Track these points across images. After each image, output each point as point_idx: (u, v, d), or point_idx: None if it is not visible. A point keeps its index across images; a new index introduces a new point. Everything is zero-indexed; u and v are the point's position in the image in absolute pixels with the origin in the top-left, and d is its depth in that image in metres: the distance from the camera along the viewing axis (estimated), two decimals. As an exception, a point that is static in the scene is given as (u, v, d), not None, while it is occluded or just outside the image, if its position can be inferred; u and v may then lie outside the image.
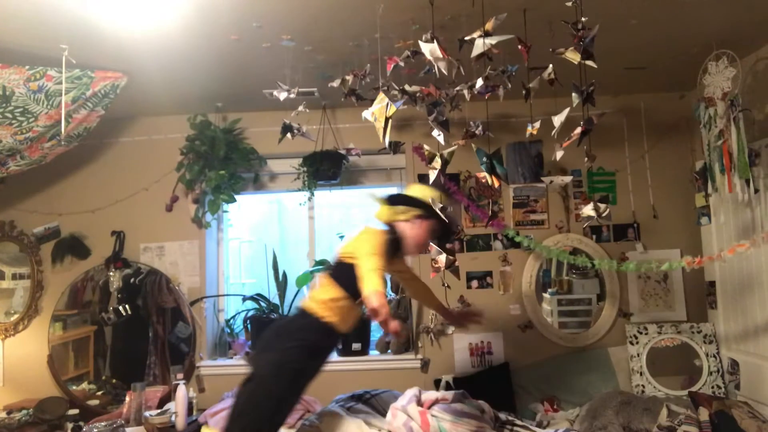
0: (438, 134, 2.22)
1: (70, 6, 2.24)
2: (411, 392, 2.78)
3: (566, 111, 2.17)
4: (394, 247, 2.38)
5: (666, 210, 3.67)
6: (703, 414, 2.84)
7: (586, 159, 2.21)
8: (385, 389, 3.11)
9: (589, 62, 2.00)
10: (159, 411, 3.13)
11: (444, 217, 2.38)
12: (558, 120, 2.17)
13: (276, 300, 3.82)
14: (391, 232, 2.42)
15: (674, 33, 2.77)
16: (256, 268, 4.13)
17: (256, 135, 3.77)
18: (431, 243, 2.57)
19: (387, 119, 2.15)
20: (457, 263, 2.62)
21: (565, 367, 3.50)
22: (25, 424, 3.22)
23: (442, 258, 2.56)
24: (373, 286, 1.97)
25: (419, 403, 2.70)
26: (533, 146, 3.69)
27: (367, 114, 2.26)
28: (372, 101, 2.24)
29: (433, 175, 2.33)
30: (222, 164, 3.58)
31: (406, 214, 2.42)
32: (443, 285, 3.18)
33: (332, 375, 2.77)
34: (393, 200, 2.51)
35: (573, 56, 2.03)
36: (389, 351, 3.65)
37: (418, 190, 2.48)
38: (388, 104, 2.14)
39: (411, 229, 2.43)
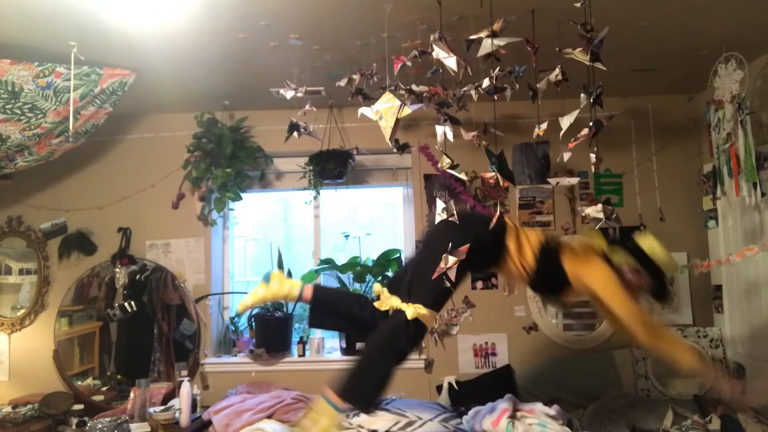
0: (448, 132, 2.20)
1: (79, 3, 2.25)
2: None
3: (575, 113, 2.16)
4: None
5: (673, 213, 3.64)
6: (715, 423, 2.81)
7: (592, 161, 2.20)
8: (395, 396, 3.10)
9: (598, 64, 1.99)
10: (163, 407, 3.14)
11: (664, 284, 2.29)
12: (566, 122, 2.16)
13: (281, 298, 3.82)
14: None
15: (683, 35, 2.75)
16: (262, 266, 4.13)
17: (262, 133, 3.77)
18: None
19: (397, 120, 2.15)
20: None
21: (569, 369, 3.48)
22: (30, 418, 3.23)
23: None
24: None
25: None
26: (540, 147, 3.68)
27: (366, 111, 2.25)
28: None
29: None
30: (228, 162, 3.58)
31: (624, 259, 2.27)
32: (448, 285, 3.17)
33: (335, 375, 2.76)
34: (613, 240, 2.40)
35: (581, 58, 2.02)
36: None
37: (649, 244, 2.31)
38: (401, 106, 2.14)
39: (625, 276, 2.27)
